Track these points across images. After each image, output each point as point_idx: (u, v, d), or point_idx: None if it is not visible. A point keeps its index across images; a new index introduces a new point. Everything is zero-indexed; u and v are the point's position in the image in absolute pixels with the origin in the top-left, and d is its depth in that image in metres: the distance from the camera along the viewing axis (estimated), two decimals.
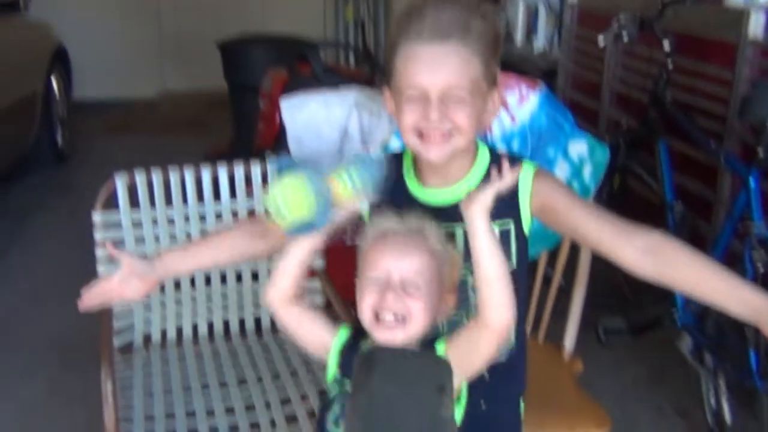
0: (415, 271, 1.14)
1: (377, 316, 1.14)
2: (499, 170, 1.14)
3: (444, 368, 1.17)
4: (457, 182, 1.27)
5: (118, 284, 1.32)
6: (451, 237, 1.23)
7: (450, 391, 1.17)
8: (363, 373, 1.18)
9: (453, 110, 1.19)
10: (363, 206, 1.20)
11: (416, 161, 1.30)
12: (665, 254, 1.18)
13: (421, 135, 1.21)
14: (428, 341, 1.18)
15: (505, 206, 1.22)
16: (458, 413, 1.21)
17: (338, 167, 1.15)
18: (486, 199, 1.11)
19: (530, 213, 1.28)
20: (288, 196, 1.11)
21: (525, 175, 1.26)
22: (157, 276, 1.35)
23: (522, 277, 1.32)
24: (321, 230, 1.16)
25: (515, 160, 1.27)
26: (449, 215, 1.23)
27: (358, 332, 1.21)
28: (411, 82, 1.19)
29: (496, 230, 1.23)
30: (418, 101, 1.19)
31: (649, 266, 1.18)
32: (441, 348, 1.18)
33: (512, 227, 1.27)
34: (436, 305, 1.17)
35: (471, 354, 1.16)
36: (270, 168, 1.11)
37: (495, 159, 1.29)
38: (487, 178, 1.22)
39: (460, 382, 1.18)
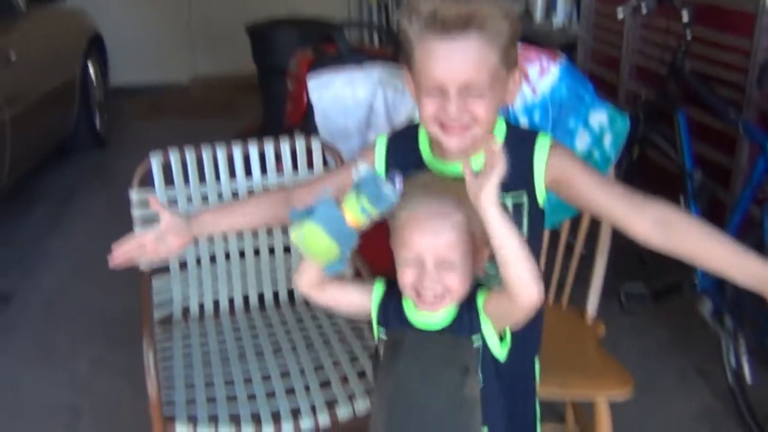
0: (448, 247, 1.14)
1: (418, 292, 1.16)
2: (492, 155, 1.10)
3: (468, 350, 1.17)
4: (474, 155, 1.22)
5: (153, 241, 1.32)
6: None
7: (474, 372, 1.17)
8: (389, 356, 1.18)
9: (472, 103, 1.18)
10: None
11: (432, 143, 1.29)
12: (675, 226, 1.18)
13: (441, 125, 1.20)
14: (470, 295, 1.19)
15: (519, 178, 1.22)
16: (503, 352, 1.23)
17: (349, 194, 1.13)
18: (492, 188, 1.08)
19: (545, 185, 1.26)
20: (310, 246, 1.11)
21: (540, 148, 1.25)
22: (191, 233, 1.35)
23: (534, 248, 1.28)
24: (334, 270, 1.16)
25: (530, 133, 1.29)
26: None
27: (391, 284, 1.22)
28: (430, 76, 1.17)
29: (510, 203, 1.25)
30: (438, 94, 1.18)
31: (659, 237, 1.18)
32: (481, 300, 1.19)
33: (525, 200, 1.27)
34: (471, 268, 1.18)
35: (504, 316, 1.18)
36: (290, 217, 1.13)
37: (510, 131, 1.28)
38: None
39: (501, 328, 1.21)
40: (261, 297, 2.13)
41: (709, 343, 2.37)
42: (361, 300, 1.25)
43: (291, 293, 2.14)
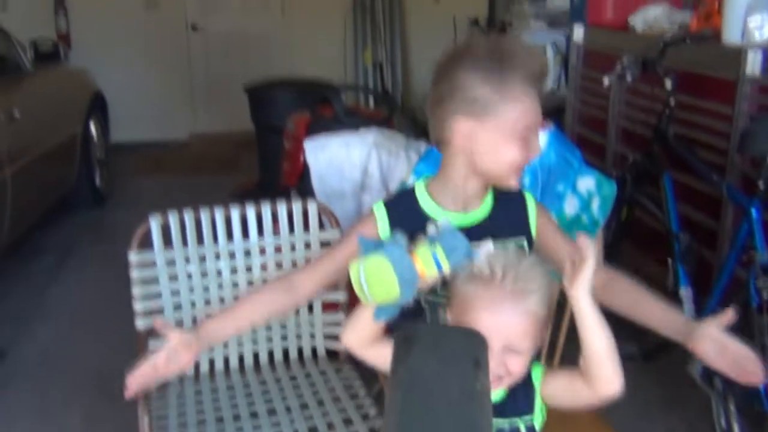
0: (520, 333, 1.13)
1: None
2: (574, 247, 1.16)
3: (479, 343, 1.17)
4: (470, 210, 1.34)
5: (165, 361, 1.32)
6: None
7: (485, 366, 1.17)
8: (402, 349, 1.18)
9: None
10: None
11: (435, 186, 1.35)
12: (614, 284, 1.36)
13: None
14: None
15: (518, 226, 1.35)
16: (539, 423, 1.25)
17: (422, 244, 1.11)
18: (587, 280, 1.09)
19: (535, 234, 1.38)
20: (372, 279, 1.07)
21: (531, 204, 1.39)
22: (200, 346, 1.35)
23: None
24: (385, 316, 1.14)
25: (516, 193, 1.39)
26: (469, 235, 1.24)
27: None
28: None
29: (512, 246, 1.33)
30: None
31: (603, 295, 1.28)
32: (537, 373, 1.21)
33: (525, 244, 1.36)
34: (538, 343, 1.18)
35: (571, 400, 1.20)
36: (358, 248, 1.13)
37: (496, 192, 1.36)
38: (496, 206, 1.35)
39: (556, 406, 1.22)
40: (256, 357, 2.12)
41: (700, 402, 2.36)
42: None
43: (286, 353, 2.13)
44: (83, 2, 6.39)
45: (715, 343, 1.24)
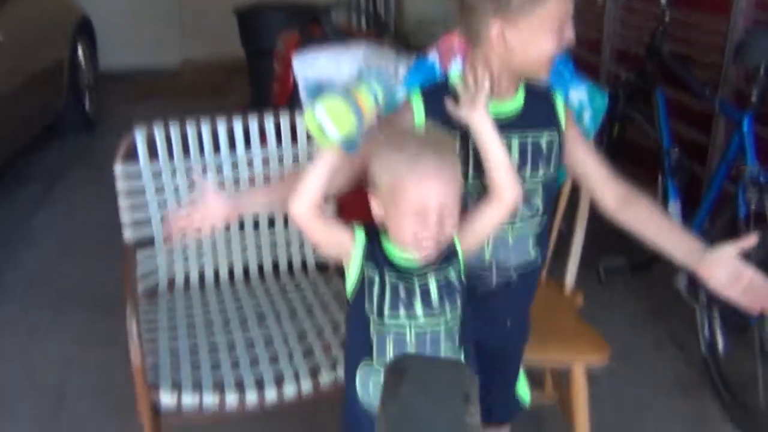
0: (450, 190, 1.19)
1: (419, 243, 1.20)
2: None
3: (469, 377, 1.18)
4: (504, 100, 1.33)
5: (200, 216, 1.34)
6: (507, 147, 1.28)
7: (475, 399, 1.18)
8: (392, 383, 1.18)
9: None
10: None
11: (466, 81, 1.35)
12: (632, 202, 1.35)
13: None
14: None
15: (549, 119, 1.35)
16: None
17: (360, 84, 1.15)
18: (484, 101, 1.21)
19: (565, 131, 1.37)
20: (334, 116, 1.11)
21: (559, 100, 1.38)
22: (235, 209, 1.37)
23: (555, 184, 1.43)
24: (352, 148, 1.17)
25: (546, 89, 1.39)
26: (500, 126, 1.27)
27: (371, 232, 1.26)
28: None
29: (544, 140, 1.34)
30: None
31: (618, 210, 1.35)
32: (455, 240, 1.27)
33: (557, 139, 1.36)
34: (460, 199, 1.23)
35: (487, 224, 1.27)
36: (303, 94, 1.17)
37: (529, 88, 1.36)
38: (528, 99, 1.34)
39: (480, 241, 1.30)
40: (246, 269, 2.12)
41: (684, 314, 2.39)
42: (344, 240, 1.26)
43: (276, 265, 2.13)
44: None
45: (729, 270, 1.22)
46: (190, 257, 2.07)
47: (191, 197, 1.45)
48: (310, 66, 2.63)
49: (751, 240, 1.23)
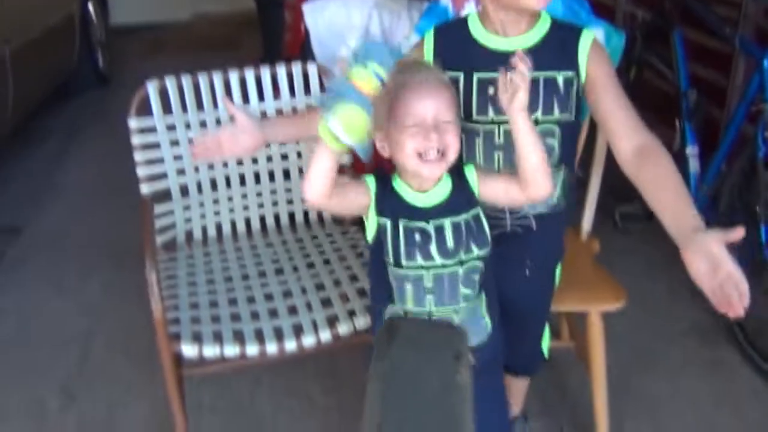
0: (446, 106, 1.20)
1: (421, 156, 1.20)
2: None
3: (460, 336, 1.18)
4: (518, 35, 1.31)
5: (229, 140, 1.35)
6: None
7: (466, 359, 1.18)
8: (384, 342, 1.19)
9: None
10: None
11: (483, 19, 1.33)
12: (649, 158, 1.25)
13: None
14: (458, 167, 1.27)
15: (568, 60, 1.30)
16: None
17: (355, 67, 1.11)
18: (522, 96, 1.15)
19: (585, 73, 1.32)
20: (347, 124, 1.09)
21: (584, 40, 1.31)
22: (263, 136, 1.37)
23: (576, 129, 1.40)
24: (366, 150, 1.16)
25: (575, 26, 1.34)
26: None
27: (382, 179, 1.28)
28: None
29: (561, 78, 1.30)
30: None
31: (632, 162, 1.26)
32: (471, 172, 1.28)
33: (575, 79, 1.31)
34: (459, 128, 1.24)
35: (499, 197, 1.28)
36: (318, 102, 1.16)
37: (554, 27, 1.32)
38: (546, 38, 1.30)
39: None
40: (262, 221, 2.11)
41: None
42: (361, 198, 1.26)
43: (292, 216, 2.12)
44: None
45: (710, 259, 1.09)
46: (207, 210, 2.06)
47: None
48: (320, 12, 2.58)
49: (738, 233, 1.09)
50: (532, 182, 1.21)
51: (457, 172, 1.28)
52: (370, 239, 1.28)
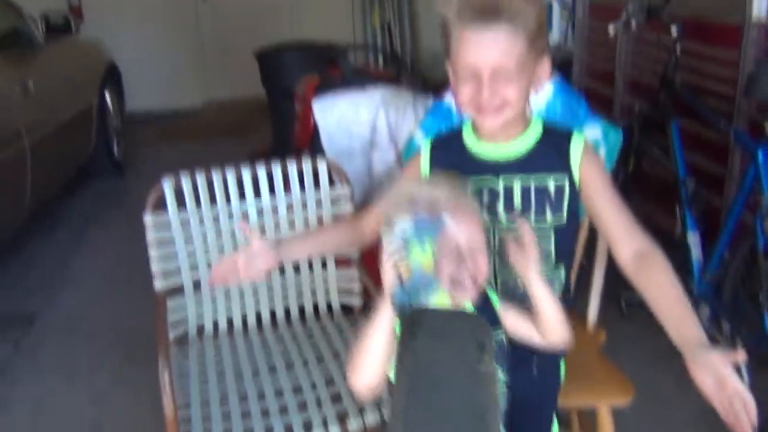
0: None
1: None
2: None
3: (483, 327, 1.18)
4: (509, 141, 1.33)
5: (244, 263, 1.36)
6: (510, 190, 1.31)
7: (489, 349, 1.18)
8: (408, 333, 1.19)
9: (503, 87, 1.24)
10: None
11: (474, 127, 1.36)
12: (648, 262, 1.26)
13: (477, 107, 1.27)
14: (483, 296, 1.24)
15: (560, 164, 1.31)
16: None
17: (412, 247, 1.12)
18: (534, 262, 1.19)
19: (578, 178, 1.32)
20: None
21: (576, 144, 1.32)
22: (278, 257, 1.39)
23: (571, 231, 1.38)
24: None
25: (566, 130, 1.35)
26: (503, 169, 1.30)
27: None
28: (464, 64, 1.25)
29: (552, 184, 1.31)
30: (472, 80, 1.25)
31: (632, 266, 1.27)
32: (493, 297, 1.26)
33: (567, 184, 1.32)
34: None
35: (524, 337, 1.27)
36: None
37: (546, 131, 1.34)
38: (538, 144, 1.32)
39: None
40: (273, 314, 2.13)
41: None
42: None
43: (302, 310, 2.14)
44: None
45: (716, 376, 1.10)
46: (219, 304, 2.08)
47: (238, 246, 1.46)
48: (330, 109, 2.66)
49: (741, 356, 1.12)
50: (547, 329, 1.24)
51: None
52: None
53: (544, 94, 2.10)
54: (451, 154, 1.36)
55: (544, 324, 1.23)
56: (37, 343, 2.94)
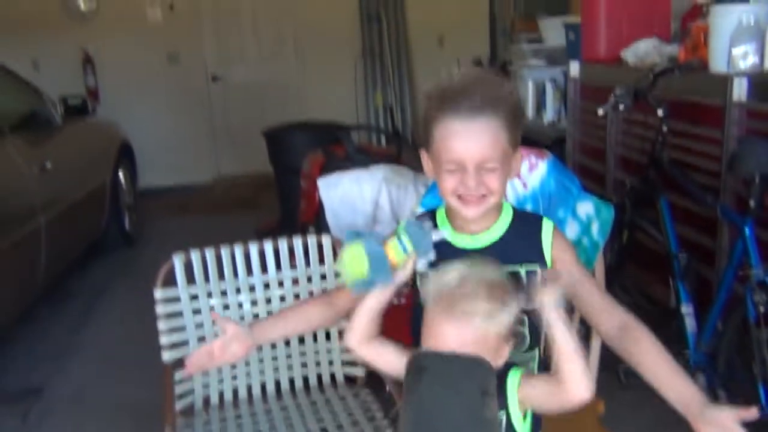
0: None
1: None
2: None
3: (487, 372, 1.18)
4: (483, 231, 1.34)
5: (219, 349, 1.36)
6: None
7: (493, 393, 1.18)
8: (413, 377, 1.20)
9: (487, 178, 1.27)
10: (419, 265, 1.27)
11: (449, 212, 1.37)
12: (631, 333, 1.27)
13: (460, 197, 1.29)
14: (502, 370, 1.23)
15: (531, 252, 1.32)
16: (525, 428, 1.26)
17: (392, 235, 1.24)
18: (554, 297, 1.14)
19: (551, 261, 1.34)
20: (348, 259, 1.21)
21: (546, 229, 1.35)
22: (253, 341, 1.39)
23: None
24: (383, 286, 1.24)
25: (536, 216, 1.39)
26: (477, 256, 1.30)
27: None
28: (450, 157, 1.26)
29: (523, 271, 1.32)
30: (456, 171, 1.27)
31: (617, 338, 1.28)
32: (515, 377, 1.22)
33: (538, 269, 1.32)
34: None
35: (547, 403, 1.22)
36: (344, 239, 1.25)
37: (517, 215, 1.37)
38: (510, 230, 1.34)
39: (525, 407, 1.23)
40: (278, 384, 2.13)
41: None
42: (397, 362, 1.28)
43: (306, 380, 2.14)
44: (109, 60, 6.53)
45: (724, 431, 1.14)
46: (225, 376, 2.08)
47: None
48: (334, 187, 2.71)
49: (752, 413, 1.14)
50: (568, 375, 1.14)
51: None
52: None
53: (539, 172, 2.15)
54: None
55: (569, 377, 1.14)
56: (45, 415, 2.92)
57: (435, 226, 1.35)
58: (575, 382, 1.15)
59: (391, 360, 1.30)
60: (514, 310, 1.19)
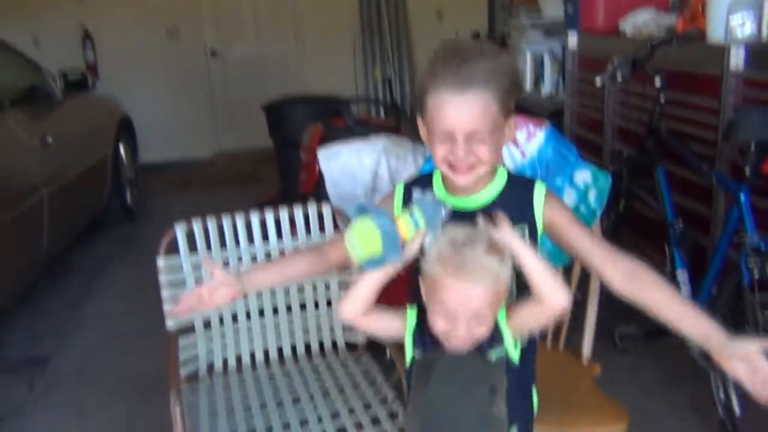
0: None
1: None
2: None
3: (495, 371, 1.20)
4: (477, 193, 1.35)
5: (209, 294, 1.36)
6: None
7: (501, 392, 1.19)
8: (421, 377, 1.21)
9: (476, 147, 1.27)
10: (427, 240, 1.25)
11: (444, 176, 1.37)
12: (640, 277, 1.27)
13: (450, 165, 1.30)
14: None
15: (520, 214, 1.32)
16: (517, 353, 1.29)
17: (404, 211, 1.23)
18: (507, 225, 1.21)
19: (543, 226, 1.35)
20: (359, 236, 1.19)
21: (538, 193, 1.34)
22: (242, 287, 1.38)
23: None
24: (392, 264, 1.22)
25: (529, 180, 1.38)
26: (468, 217, 1.30)
27: (420, 312, 1.29)
28: (440, 126, 1.27)
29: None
30: (446, 140, 1.27)
31: (626, 286, 1.27)
32: (501, 315, 1.26)
33: (526, 232, 1.33)
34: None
35: (532, 322, 1.26)
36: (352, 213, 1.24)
37: (511, 177, 1.37)
38: (503, 193, 1.34)
39: (516, 335, 1.28)
40: (280, 351, 2.15)
41: (700, 379, 2.36)
42: (394, 326, 1.30)
43: (308, 347, 2.16)
44: (109, 36, 6.49)
45: (748, 363, 1.17)
46: (228, 342, 2.11)
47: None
48: (334, 158, 2.72)
49: None
50: (546, 295, 1.20)
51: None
52: (408, 364, 1.32)
53: (537, 141, 2.16)
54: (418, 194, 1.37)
55: (545, 292, 1.20)
56: (51, 384, 2.95)
57: (431, 187, 1.37)
58: (552, 294, 1.20)
59: (387, 326, 1.31)
60: (510, 262, 1.21)
